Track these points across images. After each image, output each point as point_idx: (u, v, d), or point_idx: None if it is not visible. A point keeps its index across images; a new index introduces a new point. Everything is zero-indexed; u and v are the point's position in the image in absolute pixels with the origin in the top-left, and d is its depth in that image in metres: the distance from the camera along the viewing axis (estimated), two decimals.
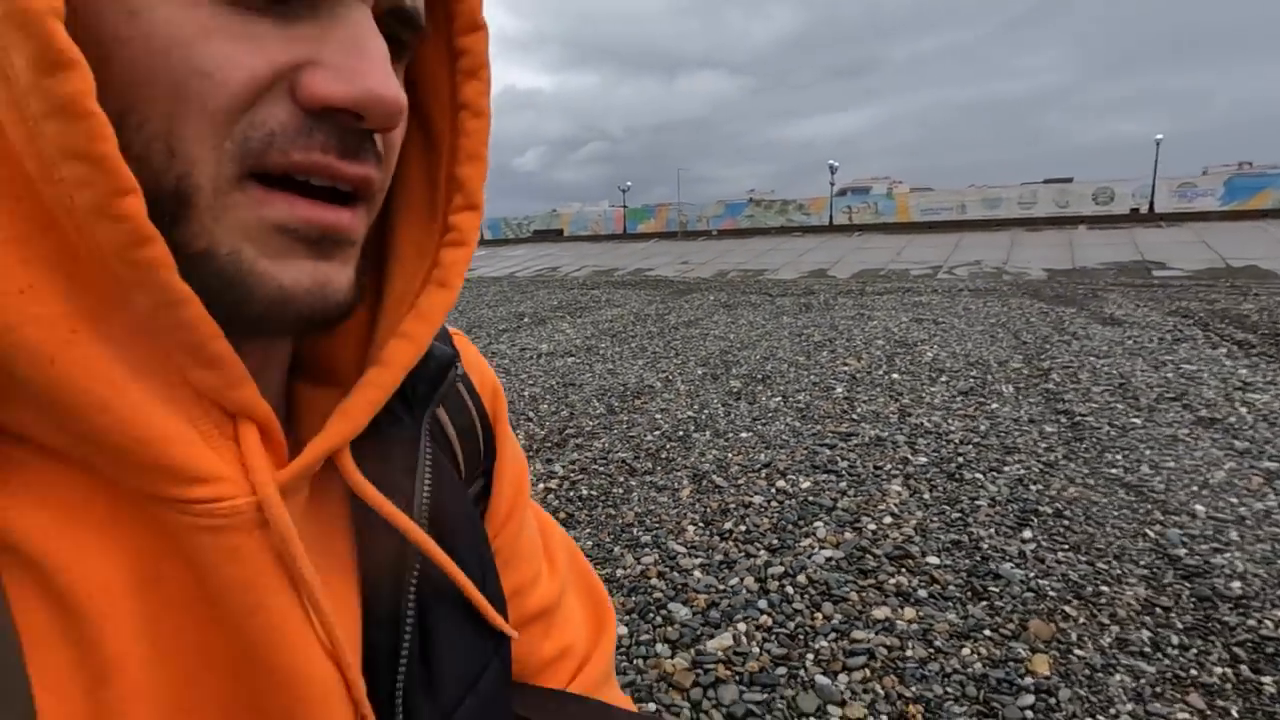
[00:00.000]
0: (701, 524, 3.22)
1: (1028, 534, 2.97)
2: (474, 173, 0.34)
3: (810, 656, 2.19)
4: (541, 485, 3.84)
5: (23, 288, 0.22)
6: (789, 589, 2.60)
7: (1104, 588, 2.52)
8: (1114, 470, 3.66)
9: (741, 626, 2.37)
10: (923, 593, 2.53)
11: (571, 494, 3.70)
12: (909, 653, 2.19)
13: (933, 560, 2.76)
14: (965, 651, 2.17)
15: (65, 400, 0.23)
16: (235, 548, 0.26)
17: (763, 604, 2.50)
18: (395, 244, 0.36)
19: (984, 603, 2.45)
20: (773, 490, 3.58)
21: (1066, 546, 2.85)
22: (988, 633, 2.27)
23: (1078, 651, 2.14)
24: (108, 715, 0.25)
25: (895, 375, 6.07)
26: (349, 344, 0.35)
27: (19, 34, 0.20)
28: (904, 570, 2.71)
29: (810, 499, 3.44)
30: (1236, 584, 2.51)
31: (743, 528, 3.14)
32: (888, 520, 3.14)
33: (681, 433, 4.65)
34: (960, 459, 3.91)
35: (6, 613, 0.24)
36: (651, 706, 2.01)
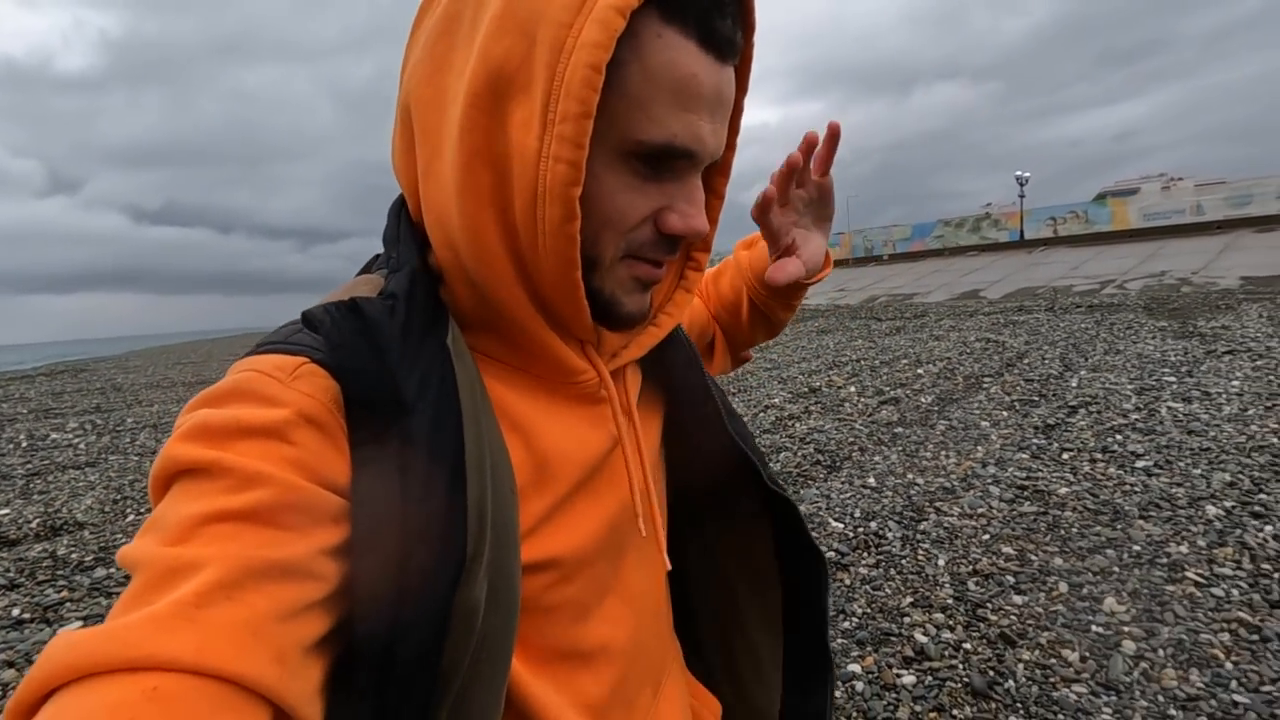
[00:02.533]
0: None
1: None
2: (711, 231, 0.53)
3: None
4: None
5: (510, 283, 0.45)
6: None
7: None
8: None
9: None
10: None
11: None
12: None
13: None
14: None
15: (526, 341, 0.48)
16: (595, 399, 0.54)
17: None
18: None
19: None
20: None
21: None
22: None
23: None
24: (548, 470, 0.49)
25: (853, 388, 6.69)
26: None
27: (553, 200, 0.41)
28: None
29: None
30: None
31: None
32: None
33: None
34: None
35: (503, 438, 0.46)
36: None
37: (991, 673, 2.14)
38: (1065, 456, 3.97)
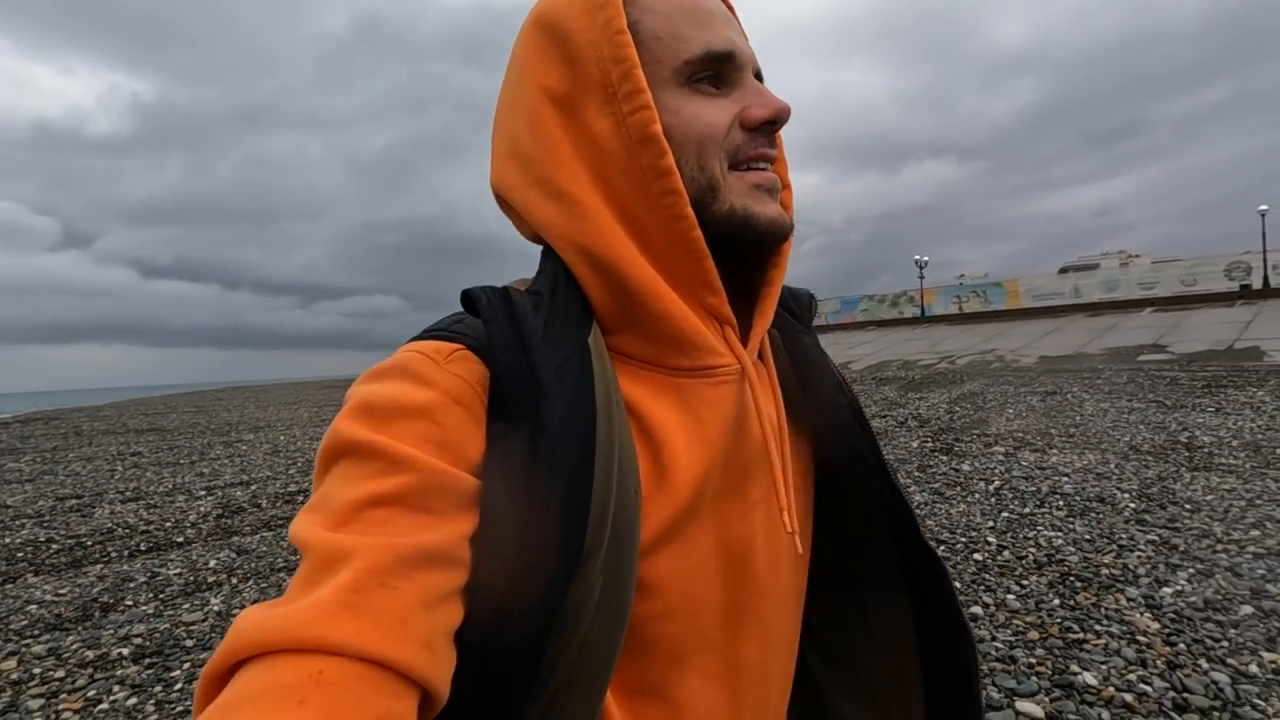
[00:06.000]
0: None
1: None
2: (782, 167, 0.55)
3: None
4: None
5: (633, 258, 0.47)
6: None
7: None
8: None
9: None
10: None
11: None
12: None
13: None
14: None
15: (657, 322, 0.48)
16: (732, 392, 0.51)
17: None
18: None
19: None
20: None
21: None
22: None
23: None
24: (669, 480, 0.47)
25: None
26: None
27: (643, 144, 0.46)
28: None
29: None
30: None
31: None
32: None
33: None
34: None
35: (632, 438, 0.46)
36: None
37: None
38: None
